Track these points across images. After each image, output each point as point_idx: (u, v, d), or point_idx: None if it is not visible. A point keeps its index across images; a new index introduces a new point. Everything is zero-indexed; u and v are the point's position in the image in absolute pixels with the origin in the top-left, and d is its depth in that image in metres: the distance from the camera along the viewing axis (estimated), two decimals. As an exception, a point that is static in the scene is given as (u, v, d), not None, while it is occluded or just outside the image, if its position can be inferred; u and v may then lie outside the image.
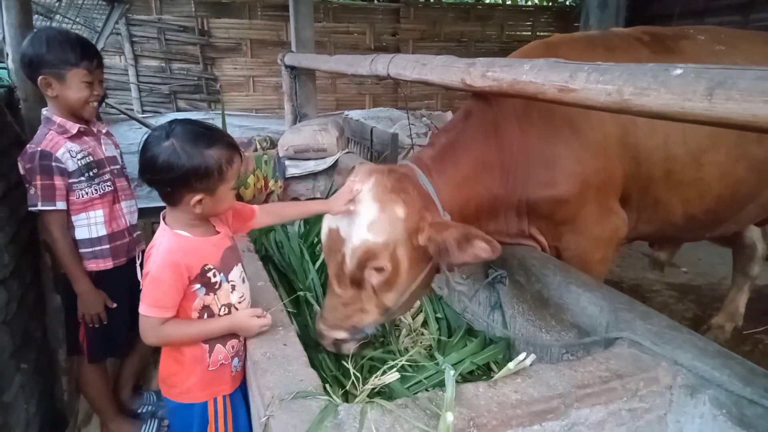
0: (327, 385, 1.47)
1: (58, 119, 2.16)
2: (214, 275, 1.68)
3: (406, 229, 1.81)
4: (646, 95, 1.17)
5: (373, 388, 1.39)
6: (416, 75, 2.35)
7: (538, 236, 2.28)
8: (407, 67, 2.46)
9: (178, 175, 1.54)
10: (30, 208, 2.12)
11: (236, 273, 1.77)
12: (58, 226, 2.15)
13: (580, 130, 2.13)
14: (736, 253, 3.42)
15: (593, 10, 6.24)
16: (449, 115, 6.64)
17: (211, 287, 1.67)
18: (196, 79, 8.38)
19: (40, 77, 2.09)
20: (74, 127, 2.17)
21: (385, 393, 1.81)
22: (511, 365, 1.41)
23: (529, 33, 10.04)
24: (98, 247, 2.25)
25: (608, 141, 2.16)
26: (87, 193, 2.20)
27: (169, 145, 1.53)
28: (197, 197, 1.57)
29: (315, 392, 1.35)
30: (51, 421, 2.43)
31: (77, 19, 4.83)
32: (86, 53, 2.15)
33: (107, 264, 2.27)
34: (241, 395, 1.85)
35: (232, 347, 1.75)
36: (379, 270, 1.83)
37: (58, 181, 2.11)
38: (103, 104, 2.68)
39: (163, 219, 1.68)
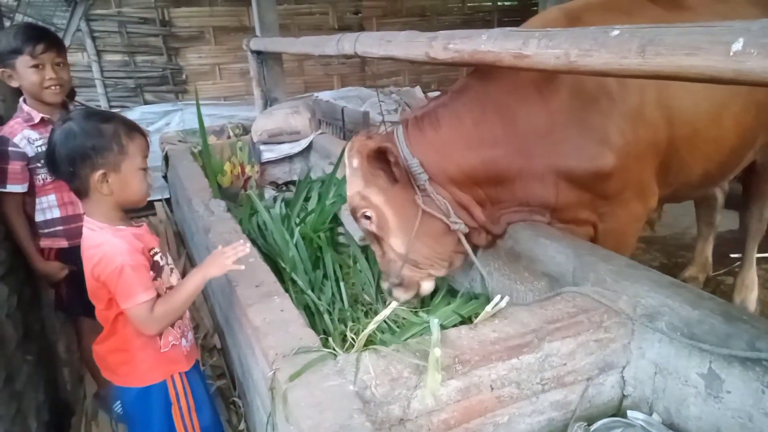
0: (329, 341, 1.60)
1: (26, 108, 2.29)
2: (161, 258, 1.71)
3: (368, 173, 2.09)
4: (589, 56, 1.31)
5: (370, 340, 1.53)
6: (382, 52, 2.44)
7: (567, 211, 2.18)
8: (373, 44, 2.55)
9: (76, 148, 1.54)
10: None
11: (168, 257, 1.80)
12: (11, 207, 2.27)
13: (616, 98, 2.04)
14: (698, 206, 3.50)
15: (551, -22, 6.36)
16: (417, 90, 6.72)
17: (158, 271, 1.68)
18: (161, 70, 8.28)
19: (1, 71, 2.23)
20: (38, 116, 2.28)
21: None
22: (488, 308, 1.56)
23: (490, 3, 10.12)
24: (52, 228, 2.38)
25: (647, 106, 2.06)
26: (44, 178, 2.31)
27: (66, 126, 1.58)
28: (100, 171, 1.55)
29: (315, 347, 1.48)
30: (58, 409, 2.54)
31: (37, 18, 4.79)
32: (28, 39, 2.18)
33: (62, 243, 2.39)
34: (197, 373, 1.86)
35: (179, 328, 1.76)
36: (367, 217, 2.16)
37: (13, 165, 2.22)
38: (73, 101, 2.71)
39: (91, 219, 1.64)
